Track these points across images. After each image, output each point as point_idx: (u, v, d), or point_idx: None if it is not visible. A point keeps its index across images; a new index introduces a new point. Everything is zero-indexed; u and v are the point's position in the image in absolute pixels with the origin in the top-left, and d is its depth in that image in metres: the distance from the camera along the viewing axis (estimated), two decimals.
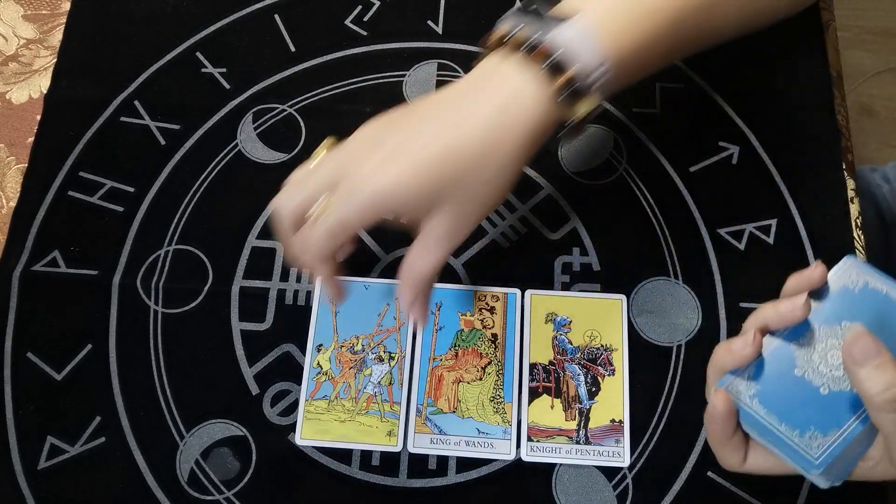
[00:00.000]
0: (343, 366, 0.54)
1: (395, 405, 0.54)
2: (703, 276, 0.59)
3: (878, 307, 0.42)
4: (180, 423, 0.54)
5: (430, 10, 0.68)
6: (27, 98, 0.65)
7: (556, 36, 0.45)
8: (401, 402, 0.54)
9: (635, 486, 0.53)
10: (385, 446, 0.53)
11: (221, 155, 0.62)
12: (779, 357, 0.42)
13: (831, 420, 0.39)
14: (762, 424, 0.41)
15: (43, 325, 0.57)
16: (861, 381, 0.37)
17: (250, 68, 0.66)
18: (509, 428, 0.53)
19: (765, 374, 0.42)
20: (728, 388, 0.43)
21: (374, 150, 0.45)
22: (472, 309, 0.57)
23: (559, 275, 0.59)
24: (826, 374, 0.41)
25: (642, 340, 0.57)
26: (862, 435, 0.39)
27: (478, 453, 0.53)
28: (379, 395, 0.53)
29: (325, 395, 0.54)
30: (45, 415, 0.54)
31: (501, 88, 0.45)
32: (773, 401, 0.41)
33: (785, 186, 0.62)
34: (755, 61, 0.66)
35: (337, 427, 0.53)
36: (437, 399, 0.54)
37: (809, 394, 0.40)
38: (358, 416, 0.53)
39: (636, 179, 0.62)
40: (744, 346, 0.43)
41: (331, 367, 0.54)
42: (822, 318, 0.43)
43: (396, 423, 0.53)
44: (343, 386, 0.53)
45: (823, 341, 0.42)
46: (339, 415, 0.53)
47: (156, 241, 0.59)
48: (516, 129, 0.45)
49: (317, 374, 0.54)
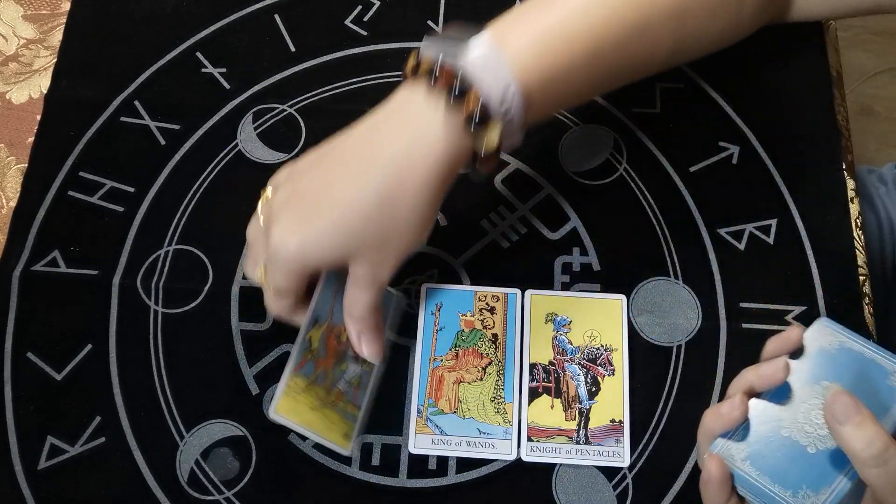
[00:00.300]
0: (328, 351, 0.52)
1: (356, 408, 0.53)
2: (703, 276, 0.59)
3: (856, 365, 0.43)
4: (180, 423, 0.54)
5: (430, 10, 0.68)
6: (27, 98, 0.65)
7: (461, 59, 0.44)
8: (360, 407, 0.53)
9: (635, 486, 0.53)
10: (337, 447, 0.51)
11: (221, 155, 0.62)
12: (766, 419, 0.44)
13: (821, 478, 0.41)
14: (756, 486, 0.42)
15: (43, 325, 0.57)
16: (844, 439, 0.39)
17: (250, 68, 0.66)
18: (510, 428, 0.53)
19: (754, 436, 0.43)
20: (720, 451, 0.44)
21: (290, 206, 0.47)
22: (473, 309, 0.56)
23: (559, 275, 0.59)
24: (812, 434, 0.42)
25: (642, 340, 0.57)
26: (852, 489, 0.40)
27: (479, 454, 0.53)
28: (347, 394, 0.52)
29: (307, 375, 0.51)
30: (45, 415, 0.54)
31: (410, 122, 0.46)
32: (764, 462, 0.42)
33: (785, 186, 0.62)
34: (755, 61, 0.66)
35: (307, 412, 0.50)
36: (437, 399, 0.54)
37: (798, 453, 0.42)
38: (325, 408, 0.51)
39: (636, 179, 0.62)
40: (731, 410, 0.44)
41: (318, 347, 0.52)
42: (804, 379, 0.44)
43: (353, 426, 0.52)
44: (321, 372, 0.52)
45: (807, 401, 0.43)
46: (313, 401, 0.51)
47: (156, 241, 0.59)
48: (422, 167, 0.45)
49: (306, 349, 0.52)
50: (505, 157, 0.63)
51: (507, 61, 0.45)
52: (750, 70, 0.66)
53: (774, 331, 0.57)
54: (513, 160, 0.63)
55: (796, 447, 0.42)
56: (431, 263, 0.59)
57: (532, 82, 0.45)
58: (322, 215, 0.46)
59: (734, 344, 0.57)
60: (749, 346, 0.56)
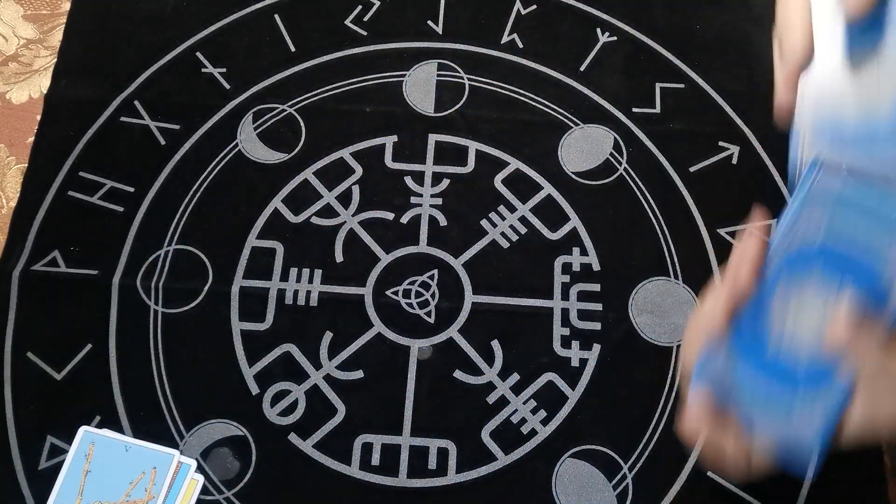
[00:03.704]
0: None
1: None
2: (703, 276, 0.59)
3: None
4: (180, 423, 0.54)
5: (430, 10, 0.68)
6: (27, 98, 0.65)
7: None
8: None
9: (635, 486, 0.53)
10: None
11: (221, 155, 0.62)
12: (747, 340, 0.42)
13: (809, 389, 0.39)
14: (748, 403, 0.40)
15: (43, 325, 0.56)
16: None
17: (250, 68, 0.66)
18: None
19: (738, 360, 0.42)
20: (707, 378, 0.42)
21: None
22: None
23: (559, 275, 0.59)
24: (795, 345, 0.40)
25: (642, 340, 0.57)
26: (838, 400, 0.38)
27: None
28: None
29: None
30: (45, 415, 0.54)
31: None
32: (750, 382, 0.41)
33: (785, 186, 0.62)
34: (755, 61, 0.66)
35: None
36: None
37: (784, 371, 0.40)
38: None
39: (636, 179, 0.62)
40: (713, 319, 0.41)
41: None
42: (791, 268, 0.42)
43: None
44: None
45: (795, 303, 0.41)
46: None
47: (156, 241, 0.59)
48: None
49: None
50: (505, 157, 0.63)
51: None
52: (750, 70, 0.66)
53: None
54: (513, 160, 0.63)
55: (781, 365, 0.40)
56: (431, 263, 0.59)
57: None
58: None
59: None
60: None
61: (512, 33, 0.67)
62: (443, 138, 0.63)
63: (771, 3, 0.71)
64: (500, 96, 0.65)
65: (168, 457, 0.52)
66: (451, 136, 0.64)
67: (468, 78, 0.66)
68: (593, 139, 0.64)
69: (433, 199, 0.61)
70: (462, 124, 0.64)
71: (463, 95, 0.65)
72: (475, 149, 0.63)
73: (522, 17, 0.68)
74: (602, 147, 0.63)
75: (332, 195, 0.61)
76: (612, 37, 0.68)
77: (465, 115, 0.64)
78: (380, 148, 0.63)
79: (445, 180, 0.62)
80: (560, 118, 0.64)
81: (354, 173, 0.62)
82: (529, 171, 0.62)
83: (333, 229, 0.60)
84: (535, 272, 0.59)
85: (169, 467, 0.52)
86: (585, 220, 0.61)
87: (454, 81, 0.65)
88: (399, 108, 0.64)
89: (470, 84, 0.65)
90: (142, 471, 0.52)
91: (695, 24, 0.69)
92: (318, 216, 0.61)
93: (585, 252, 0.60)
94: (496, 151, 0.63)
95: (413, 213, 0.61)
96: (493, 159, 0.63)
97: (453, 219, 0.61)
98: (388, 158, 0.63)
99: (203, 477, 0.52)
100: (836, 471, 0.53)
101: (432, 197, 0.61)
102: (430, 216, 0.61)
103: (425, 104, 0.65)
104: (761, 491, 0.53)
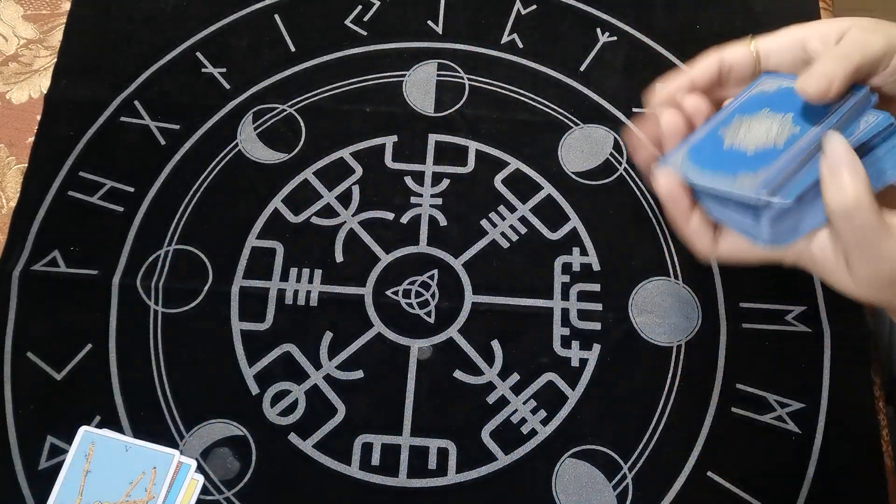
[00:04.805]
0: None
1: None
2: (703, 276, 0.59)
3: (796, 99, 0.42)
4: (180, 423, 0.54)
5: (430, 10, 0.68)
6: (27, 98, 0.65)
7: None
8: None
9: (635, 486, 0.53)
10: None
11: (221, 155, 0.62)
12: (708, 134, 0.43)
13: (760, 163, 0.39)
14: (702, 186, 0.41)
15: (43, 325, 0.56)
16: (822, 184, 0.37)
17: (250, 68, 0.66)
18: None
19: (698, 146, 0.43)
20: (667, 163, 0.43)
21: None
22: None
23: (559, 275, 0.59)
24: (752, 143, 0.41)
25: (642, 340, 0.57)
26: (799, 163, 0.38)
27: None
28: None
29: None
30: (45, 415, 0.54)
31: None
32: (705, 162, 0.42)
33: None
34: None
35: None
36: None
37: (739, 155, 0.41)
38: None
39: (636, 179, 0.62)
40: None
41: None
42: (743, 109, 0.43)
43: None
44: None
45: (747, 123, 0.42)
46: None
47: (156, 241, 0.59)
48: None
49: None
50: (505, 157, 0.63)
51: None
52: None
53: (775, 331, 0.57)
54: (513, 160, 0.63)
55: (737, 152, 0.41)
56: (431, 263, 0.59)
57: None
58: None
59: (734, 344, 0.57)
60: (749, 345, 0.56)
61: (512, 33, 0.67)
62: (443, 138, 0.63)
63: (771, 3, 0.71)
64: (500, 96, 0.65)
65: (168, 457, 0.52)
66: (451, 136, 0.64)
67: (468, 78, 0.66)
68: (593, 139, 0.64)
69: (433, 199, 0.61)
70: (462, 124, 0.64)
71: (463, 95, 0.65)
72: (475, 149, 0.63)
73: (522, 17, 0.68)
74: (602, 147, 0.63)
75: (332, 195, 0.61)
76: (612, 37, 0.68)
77: (465, 115, 0.64)
78: (380, 148, 0.63)
79: (445, 180, 0.62)
80: (560, 118, 0.64)
81: (354, 173, 0.62)
82: (529, 171, 0.62)
83: (333, 229, 0.60)
84: (535, 272, 0.59)
85: (169, 467, 0.52)
86: (585, 220, 0.61)
87: (454, 81, 0.66)
88: (399, 108, 0.64)
89: (470, 84, 0.65)
90: (142, 471, 0.52)
91: (695, 24, 0.69)
92: (318, 216, 0.61)
93: (585, 252, 0.60)
94: (496, 151, 0.63)
95: (413, 213, 0.61)
96: (493, 159, 0.63)
97: (453, 219, 0.61)
98: (388, 158, 0.63)
99: (203, 477, 0.52)
100: (836, 470, 0.53)
101: (432, 197, 0.61)
102: (430, 216, 0.61)
103: (425, 104, 0.65)
104: (761, 491, 0.53)
